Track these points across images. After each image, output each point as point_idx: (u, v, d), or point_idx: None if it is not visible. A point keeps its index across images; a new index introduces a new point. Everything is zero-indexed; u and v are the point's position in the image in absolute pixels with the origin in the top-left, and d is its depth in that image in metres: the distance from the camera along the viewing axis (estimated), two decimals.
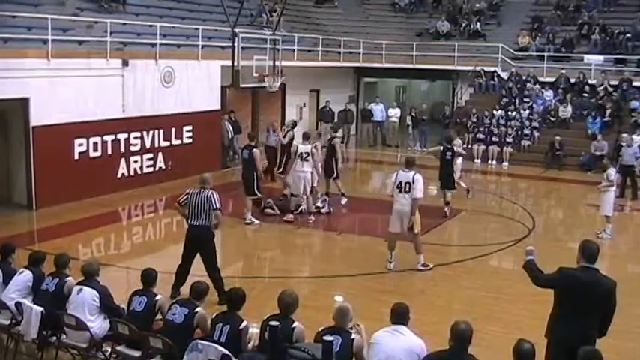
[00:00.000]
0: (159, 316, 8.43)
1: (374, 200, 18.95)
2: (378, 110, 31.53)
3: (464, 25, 34.65)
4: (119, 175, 19.47)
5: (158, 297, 8.43)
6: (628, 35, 30.87)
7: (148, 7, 23.17)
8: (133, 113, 19.61)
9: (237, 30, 21.10)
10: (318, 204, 17.62)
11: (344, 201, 18.87)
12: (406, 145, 30.50)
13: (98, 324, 8.40)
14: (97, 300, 8.44)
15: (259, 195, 16.77)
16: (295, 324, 7.36)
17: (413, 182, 12.87)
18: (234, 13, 21.39)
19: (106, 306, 8.53)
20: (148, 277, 8.59)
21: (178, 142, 21.27)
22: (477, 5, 35.56)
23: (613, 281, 7.38)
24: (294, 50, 26.32)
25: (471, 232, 16.90)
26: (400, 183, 13.01)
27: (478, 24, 34.34)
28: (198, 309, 7.93)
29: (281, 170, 19.16)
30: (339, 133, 21.28)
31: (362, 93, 35.20)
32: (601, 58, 30.36)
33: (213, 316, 7.75)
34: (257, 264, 14.13)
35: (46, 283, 8.87)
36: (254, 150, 16.39)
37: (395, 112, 31.63)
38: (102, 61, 18.64)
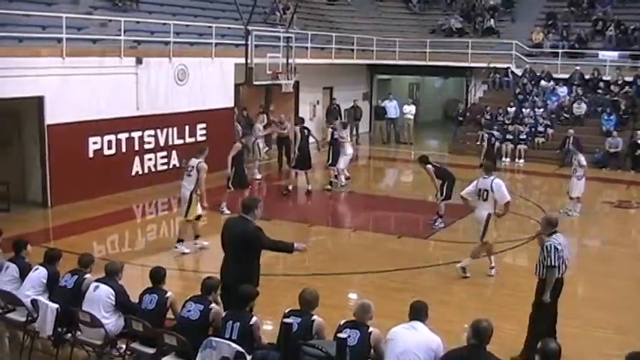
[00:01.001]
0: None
1: (386, 198, 18.93)
2: (391, 107, 31.46)
3: (477, 21, 34.56)
4: (133, 173, 19.53)
5: (169, 294, 8.45)
6: None
7: (161, 5, 23.22)
8: (146, 111, 19.66)
9: (250, 27, 21.16)
10: None
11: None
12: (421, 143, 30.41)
13: (113, 321, 8.43)
14: (113, 298, 8.47)
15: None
16: (315, 317, 7.46)
17: (492, 189, 12.72)
18: (248, 11, 21.40)
19: (122, 304, 8.55)
20: (157, 275, 8.62)
21: (192, 139, 21.28)
22: (491, 2, 35.44)
23: None
24: (307, 48, 26.32)
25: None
26: (480, 190, 12.86)
27: (492, 20, 34.23)
28: (212, 305, 7.95)
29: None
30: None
31: (375, 90, 35.12)
32: (616, 54, 30.17)
33: (224, 314, 7.77)
34: (270, 261, 14.09)
35: (65, 280, 8.92)
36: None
37: (410, 109, 31.49)
38: (116, 59, 18.68)
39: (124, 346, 8.47)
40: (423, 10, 36.92)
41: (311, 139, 20.71)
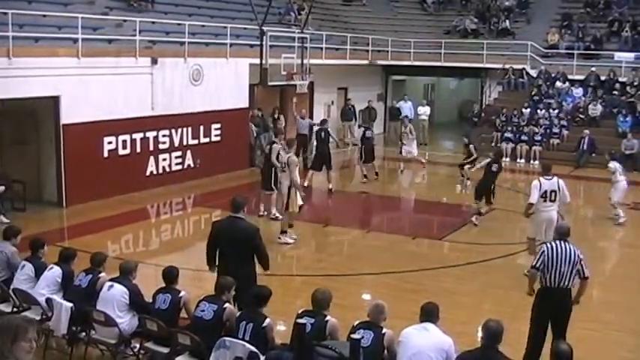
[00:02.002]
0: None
1: (401, 199, 18.93)
2: (406, 108, 31.38)
3: (492, 22, 34.47)
4: (148, 173, 19.58)
5: (182, 294, 8.46)
6: None
7: (176, 6, 23.27)
8: (161, 111, 19.71)
9: (265, 28, 21.19)
10: None
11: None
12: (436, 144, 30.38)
13: (127, 320, 8.46)
14: (127, 297, 8.49)
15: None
16: (328, 318, 7.48)
17: (559, 189, 12.68)
18: (263, 12, 21.44)
19: (136, 303, 8.58)
20: (170, 274, 8.64)
21: (207, 139, 21.33)
22: (506, 3, 35.31)
23: None
24: (322, 48, 26.32)
25: (499, 231, 16.79)
26: (545, 192, 12.68)
27: (507, 21, 34.13)
28: (226, 305, 7.96)
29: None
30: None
31: (390, 91, 35.08)
32: (632, 55, 30.00)
33: (237, 314, 7.78)
34: (283, 262, 14.11)
35: (79, 279, 8.96)
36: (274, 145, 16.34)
37: (424, 110, 31.44)
38: (131, 59, 18.74)
39: (137, 346, 8.50)
40: (437, 11, 36.86)
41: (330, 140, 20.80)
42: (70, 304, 8.55)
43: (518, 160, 27.10)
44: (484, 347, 6.57)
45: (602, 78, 29.44)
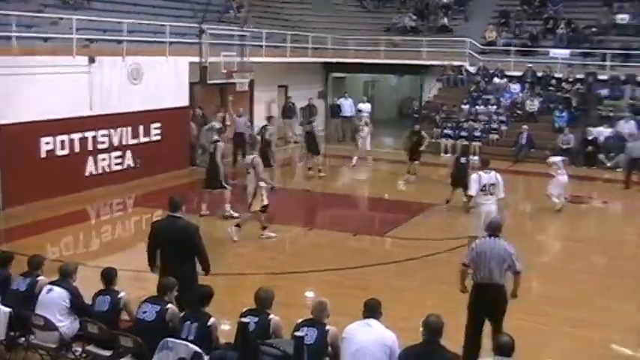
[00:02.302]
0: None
1: (342, 195, 19.01)
2: (346, 105, 31.51)
3: (431, 20, 34.82)
4: (87, 174, 19.26)
5: (121, 294, 8.36)
6: (593, 29, 31.27)
7: (114, 4, 22.99)
8: (100, 111, 19.40)
9: (204, 26, 21.09)
10: None
11: None
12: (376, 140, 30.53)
13: (68, 324, 8.32)
14: (67, 300, 8.36)
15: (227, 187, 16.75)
16: (272, 317, 7.49)
17: (497, 181, 12.95)
18: (202, 9, 21.32)
19: (77, 306, 8.44)
20: (108, 275, 8.53)
21: (146, 139, 21.10)
22: (444, 0, 35.70)
23: None
24: (262, 46, 26.26)
25: (442, 226, 16.97)
26: (485, 185, 13.00)
27: (445, 19, 34.52)
28: (169, 306, 7.88)
29: None
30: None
31: (330, 88, 35.17)
32: (567, 52, 30.62)
33: (181, 314, 7.72)
34: (226, 261, 14.02)
35: (17, 283, 8.79)
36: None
37: (365, 107, 31.58)
38: (68, 58, 18.42)
39: (79, 349, 8.36)
40: (377, 9, 37.11)
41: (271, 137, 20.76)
42: (8, 309, 8.37)
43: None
44: (426, 342, 6.67)
45: (539, 74, 29.98)
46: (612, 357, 9.78)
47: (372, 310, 7.17)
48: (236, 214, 16.24)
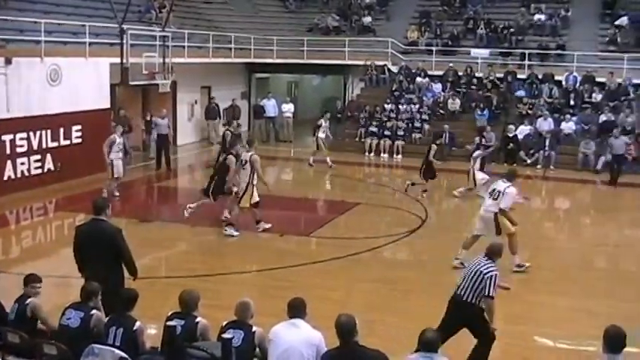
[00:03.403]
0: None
1: (267, 196, 18.83)
2: (270, 106, 31.53)
3: (353, 20, 35.06)
4: (5, 178, 18.78)
5: (29, 300, 8.15)
6: (512, 30, 32.01)
7: (32, 3, 22.46)
8: (18, 113, 18.93)
9: (125, 26, 20.77)
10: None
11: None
12: (300, 140, 30.63)
13: None
14: None
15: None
16: (199, 319, 7.43)
17: (503, 194, 13.01)
18: (122, 9, 21.00)
19: None
20: (24, 281, 8.35)
21: (67, 142, 20.69)
22: (367, 0, 36.00)
23: None
24: (184, 47, 26.02)
25: (366, 225, 17.10)
26: (494, 190, 13.30)
27: (368, 19, 34.80)
28: (94, 311, 7.76)
29: None
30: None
31: (254, 89, 35.13)
32: (487, 51, 31.30)
33: (106, 319, 7.61)
34: (151, 263, 13.87)
35: None
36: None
37: (288, 108, 31.65)
38: None
39: None
40: (299, 9, 37.18)
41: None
42: None
43: (382, 155, 27.68)
44: (344, 343, 6.60)
45: (460, 73, 30.51)
46: (538, 349, 9.98)
47: (297, 310, 7.16)
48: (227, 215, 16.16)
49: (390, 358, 6.57)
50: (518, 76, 29.85)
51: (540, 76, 29.42)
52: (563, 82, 29.16)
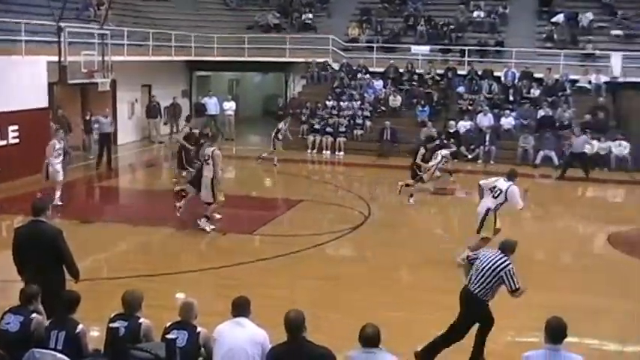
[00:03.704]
0: None
1: None
2: (211, 104, 31.41)
3: (294, 17, 35.07)
4: None
5: None
6: (451, 26, 32.41)
7: None
8: None
9: (62, 24, 20.42)
10: None
11: None
12: (242, 138, 30.54)
13: None
14: None
15: None
16: (142, 320, 7.36)
17: (505, 193, 12.95)
18: (59, 6, 20.65)
19: None
20: None
21: (4, 142, 20.26)
22: None
23: None
24: (123, 45, 25.71)
25: (309, 222, 17.14)
26: (495, 187, 13.18)
27: (308, 16, 34.85)
28: (34, 315, 7.62)
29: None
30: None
31: (195, 87, 34.92)
32: (427, 48, 31.64)
33: (47, 323, 7.48)
34: (92, 264, 13.68)
35: None
36: None
37: (230, 106, 31.55)
38: None
39: None
40: (240, 6, 37.05)
41: None
42: None
43: (324, 152, 27.75)
44: (291, 339, 6.63)
45: (401, 70, 30.76)
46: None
47: (241, 309, 7.12)
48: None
49: (335, 355, 6.60)
50: (459, 73, 30.27)
51: (480, 73, 29.84)
52: (502, 78, 29.67)
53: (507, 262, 8.72)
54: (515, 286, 8.69)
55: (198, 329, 7.18)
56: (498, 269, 8.69)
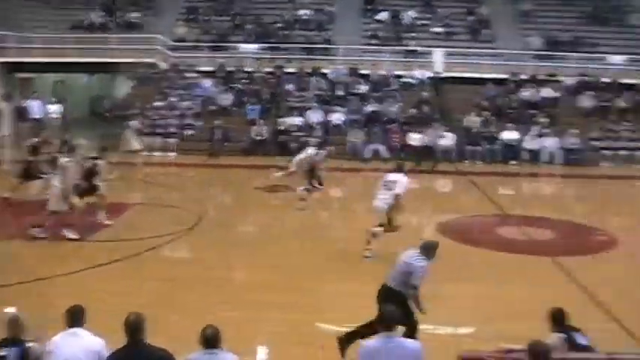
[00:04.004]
0: None
1: (37, 202, 18.09)
2: (35, 107, 30.19)
3: (119, 15, 34.36)
4: None
5: None
6: (279, 25, 32.78)
7: None
8: None
9: None
10: None
11: None
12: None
13: None
14: None
15: None
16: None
17: (398, 182, 13.62)
18: None
19: None
20: None
21: None
22: None
23: None
24: None
25: (143, 225, 16.89)
26: (387, 181, 13.85)
27: (134, 14, 34.24)
28: None
29: None
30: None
31: (17, 89, 33.46)
32: (255, 46, 31.88)
33: None
34: None
35: None
36: None
37: (55, 109, 30.46)
38: None
39: None
40: (62, 5, 35.82)
41: None
42: None
43: (154, 153, 27.32)
44: (132, 342, 6.59)
45: (230, 69, 30.82)
46: (319, 334, 10.28)
47: (75, 319, 7.00)
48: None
49: (174, 357, 6.60)
50: (287, 70, 30.66)
51: (309, 70, 30.35)
52: (330, 75, 30.30)
53: (422, 262, 9.13)
54: (415, 283, 9.07)
55: (29, 344, 6.94)
56: (411, 265, 9.09)
